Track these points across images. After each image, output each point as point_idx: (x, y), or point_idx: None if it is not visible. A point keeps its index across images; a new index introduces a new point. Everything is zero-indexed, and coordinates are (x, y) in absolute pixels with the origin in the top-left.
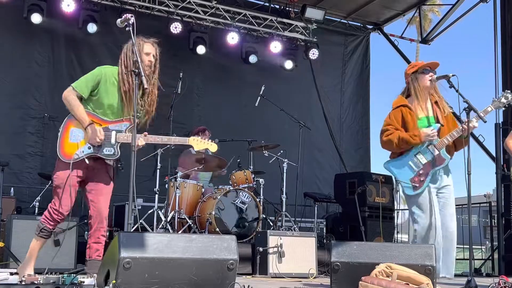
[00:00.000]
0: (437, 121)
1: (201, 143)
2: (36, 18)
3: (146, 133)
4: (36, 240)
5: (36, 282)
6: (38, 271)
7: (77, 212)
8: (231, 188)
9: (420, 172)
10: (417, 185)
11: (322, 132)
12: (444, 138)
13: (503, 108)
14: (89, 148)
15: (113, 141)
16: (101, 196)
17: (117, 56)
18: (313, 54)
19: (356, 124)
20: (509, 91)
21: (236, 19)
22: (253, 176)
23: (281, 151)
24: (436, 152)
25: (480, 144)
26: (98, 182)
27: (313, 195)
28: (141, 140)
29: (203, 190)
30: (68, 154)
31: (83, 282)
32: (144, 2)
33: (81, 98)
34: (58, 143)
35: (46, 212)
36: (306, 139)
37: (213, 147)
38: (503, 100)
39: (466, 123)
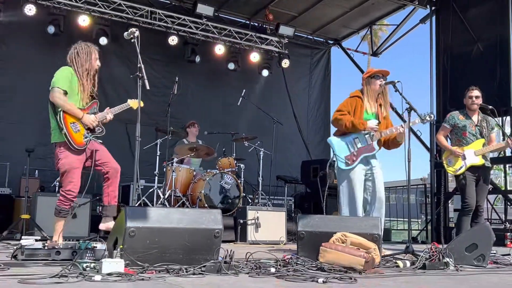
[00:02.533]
0: (377, 119)
1: (134, 102)
2: (55, 31)
3: (108, 108)
4: (58, 220)
5: (56, 247)
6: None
7: (91, 190)
8: (218, 172)
9: (354, 153)
10: (349, 162)
11: (291, 127)
12: (381, 131)
13: (425, 123)
14: (88, 132)
15: (98, 122)
16: (108, 156)
17: (125, 63)
18: (285, 63)
19: (319, 121)
20: (432, 114)
21: (222, 34)
22: (235, 162)
23: (258, 142)
24: (370, 142)
25: (418, 138)
26: (99, 153)
27: (284, 178)
28: (110, 115)
29: (194, 173)
30: (79, 142)
31: (96, 247)
32: (147, 18)
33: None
34: (69, 137)
35: (60, 197)
36: (278, 132)
37: (141, 103)
38: (427, 118)
39: (408, 121)
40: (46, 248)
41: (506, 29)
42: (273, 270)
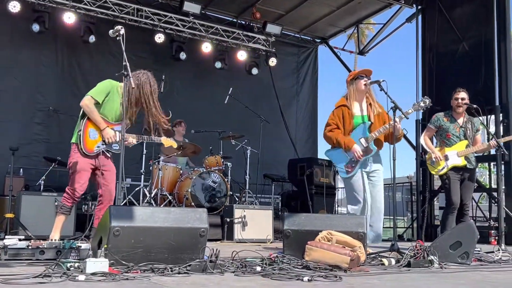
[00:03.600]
0: (369, 119)
1: (168, 141)
2: (39, 28)
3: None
4: (58, 216)
5: (40, 246)
6: (43, 238)
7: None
8: (204, 170)
9: (352, 160)
10: (349, 170)
11: (279, 125)
12: (372, 133)
13: (422, 111)
14: (103, 144)
15: (117, 139)
16: (111, 180)
17: (110, 60)
18: (272, 62)
19: (306, 119)
20: (427, 97)
21: (209, 32)
22: (222, 160)
23: (246, 140)
24: (366, 144)
25: (404, 136)
26: (107, 170)
27: (271, 176)
28: (133, 139)
29: (181, 171)
30: (89, 148)
31: (80, 246)
32: (133, 16)
33: (95, 104)
34: (82, 140)
35: (65, 194)
36: (265, 131)
37: (174, 144)
38: (421, 104)
39: (393, 120)
40: (30, 247)
41: (490, 29)
42: (259, 268)
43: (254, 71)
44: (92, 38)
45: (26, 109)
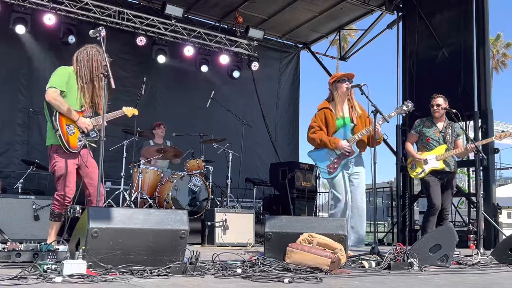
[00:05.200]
0: (352, 121)
1: (130, 110)
2: (20, 29)
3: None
4: (51, 223)
5: (17, 249)
6: (20, 241)
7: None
8: (186, 174)
9: (335, 161)
10: (332, 170)
11: (260, 129)
12: (355, 135)
13: (404, 114)
14: (82, 136)
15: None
16: (95, 176)
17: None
18: (255, 66)
19: (288, 123)
20: (409, 101)
21: (191, 35)
22: (204, 163)
23: (227, 144)
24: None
25: (384, 141)
26: (90, 167)
27: (253, 180)
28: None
29: (162, 175)
30: (74, 145)
31: (58, 249)
32: (115, 18)
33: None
34: (63, 140)
35: (54, 201)
36: (247, 134)
37: (135, 111)
38: (404, 108)
39: (373, 124)
40: (6, 250)
41: (470, 35)
42: (239, 271)
43: (236, 74)
44: (72, 39)
45: (7, 110)
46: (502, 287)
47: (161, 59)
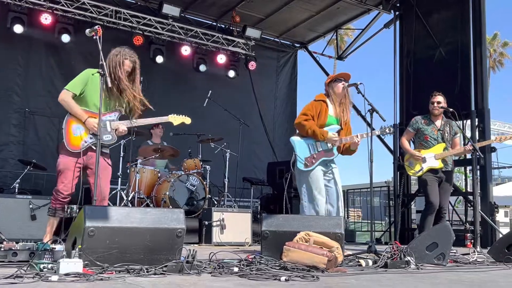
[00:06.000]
0: (340, 124)
1: (178, 118)
2: (18, 28)
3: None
4: (48, 219)
5: (13, 248)
6: (17, 241)
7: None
8: (183, 173)
9: (314, 155)
10: (308, 164)
11: (258, 128)
12: (339, 139)
13: (384, 135)
14: (91, 138)
15: (109, 129)
16: (102, 178)
17: (88, 60)
18: (252, 65)
19: (285, 123)
20: (392, 127)
21: (188, 35)
22: (201, 163)
23: (225, 143)
24: (330, 147)
25: (382, 140)
26: (94, 168)
27: (250, 179)
28: (123, 126)
29: (159, 174)
30: (75, 145)
31: (54, 248)
32: (111, 18)
33: (74, 97)
34: (65, 139)
35: (52, 195)
36: (245, 134)
37: (187, 120)
38: (387, 130)
39: (370, 125)
40: (2, 249)
41: (467, 35)
42: (236, 269)
43: (233, 73)
44: (67, 38)
45: (2, 110)
46: (498, 285)
47: (158, 59)
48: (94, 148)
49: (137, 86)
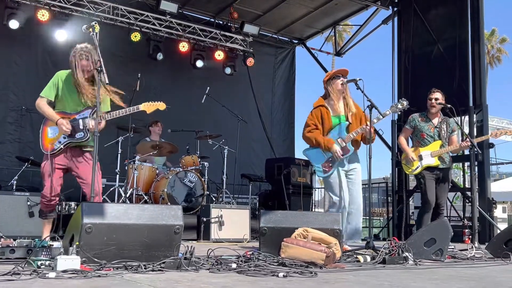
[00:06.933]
0: (347, 119)
1: (151, 106)
2: (13, 24)
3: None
4: (42, 222)
5: (11, 245)
6: (14, 238)
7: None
8: (181, 170)
9: (330, 159)
10: (327, 169)
11: (256, 125)
12: (350, 133)
13: (399, 112)
14: (65, 138)
15: (81, 126)
16: (88, 175)
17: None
18: (250, 62)
19: (283, 119)
20: (404, 99)
21: (186, 31)
22: (199, 160)
23: (223, 140)
24: (343, 144)
25: (380, 137)
26: (81, 167)
27: (248, 176)
28: (102, 123)
29: (157, 171)
30: (47, 147)
31: (52, 245)
32: (109, 14)
33: (50, 102)
34: (40, 141)
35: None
36: (243, 130)
37: (161, 105)
38: (399, 106)
39: (369, 120)
40: None
41: (465, 31)
42: (234, 265)
43: (230, 70)
44: (65, 36)
45: None
46: (496, 280)
47: (156, 55)
48: (76, 147)
49: (105, 77)
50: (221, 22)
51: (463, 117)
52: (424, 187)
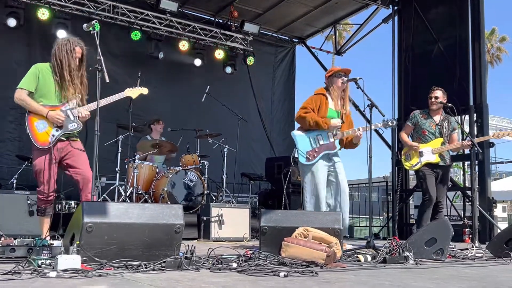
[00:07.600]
0: (340, 118)
1: (135, 91)
2: (12, 22)
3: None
4: (39, 219)
5: (11, 244)
6: (14, 236)
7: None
8: (181, 169)
9: (316, 149)
10: (310, 157)
11: (256, 124)
12: (342, 131)
13: (386, 128)
14: (57, 130)
15: (72, 117)
16: (80, 163)
17: (88, 56)
18: (250, 60)
19: (283, 118)
20: (395, 120)
21: (186, 30)
22: (199, 159)
23: (223, 139)
24: (332, 140)
25: (380, 135)
26: (72, 156)
27: (248, 175)
28: (85, 111)
29: (157, 170)
30: (43, 142)
31: (52, 244)
32: (109, 13)
33: (29, 94)
34: (32, 137)
35: (37, 197)
36: (243, 129)
37: (144, 90)
38: (389, 123)
39: (369, 120)
40: (0, 245)
41: (465, 30)
42: (234, 265)
43: (230, 69)
44: (64, 34)
45: None
46: (497, 280)
47: (156, 54)
48: (64, 139)
49: (84, 73)
50: (221, 21)
51: (463, 116)
52: (424, 182)
